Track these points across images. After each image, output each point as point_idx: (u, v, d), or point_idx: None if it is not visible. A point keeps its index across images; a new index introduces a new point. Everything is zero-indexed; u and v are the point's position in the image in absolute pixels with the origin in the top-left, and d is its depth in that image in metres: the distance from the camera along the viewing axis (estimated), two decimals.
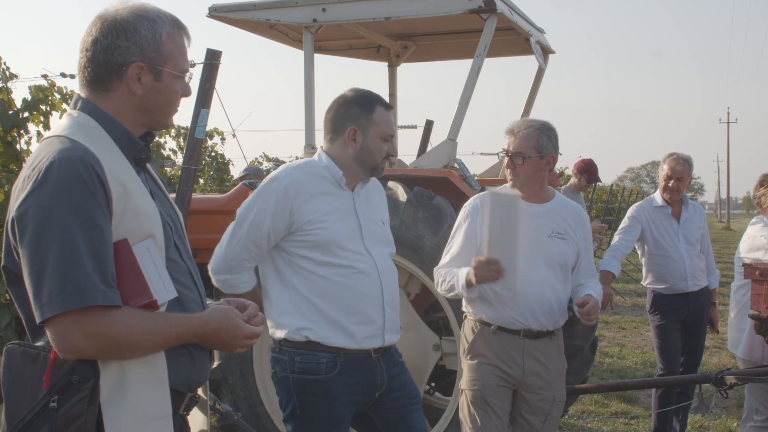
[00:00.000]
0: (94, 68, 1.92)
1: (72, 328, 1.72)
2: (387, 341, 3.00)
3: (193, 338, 1.93)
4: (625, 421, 6.06)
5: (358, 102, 2.99)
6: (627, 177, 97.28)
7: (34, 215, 1.74)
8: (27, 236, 1.74)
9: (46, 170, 1.77)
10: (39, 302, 1.73)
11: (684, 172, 5.16)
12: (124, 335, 1.78)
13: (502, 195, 3.25)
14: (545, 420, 3.43)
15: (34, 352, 1.82)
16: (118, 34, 1.90)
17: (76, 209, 1.75)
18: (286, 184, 2.91)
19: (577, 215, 3.53)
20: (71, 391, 1.77)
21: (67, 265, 1.72)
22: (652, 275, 5.26)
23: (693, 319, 5.17)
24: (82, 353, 1.76)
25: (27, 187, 1.77)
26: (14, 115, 4.55)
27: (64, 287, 1.71)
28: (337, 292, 2.91)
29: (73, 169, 1.77)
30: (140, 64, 1.92)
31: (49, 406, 1.76)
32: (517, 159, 3.36)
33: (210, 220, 5.40)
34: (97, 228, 1.77)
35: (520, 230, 3.24)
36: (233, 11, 4.96)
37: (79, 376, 1.78)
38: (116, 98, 1.94)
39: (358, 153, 2.97)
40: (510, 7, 4.83)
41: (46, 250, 1.72)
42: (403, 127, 9.84)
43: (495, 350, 3.39)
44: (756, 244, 4.46)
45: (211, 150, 13.97)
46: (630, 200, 28.96)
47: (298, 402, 2.93)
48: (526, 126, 3.38)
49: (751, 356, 4.40)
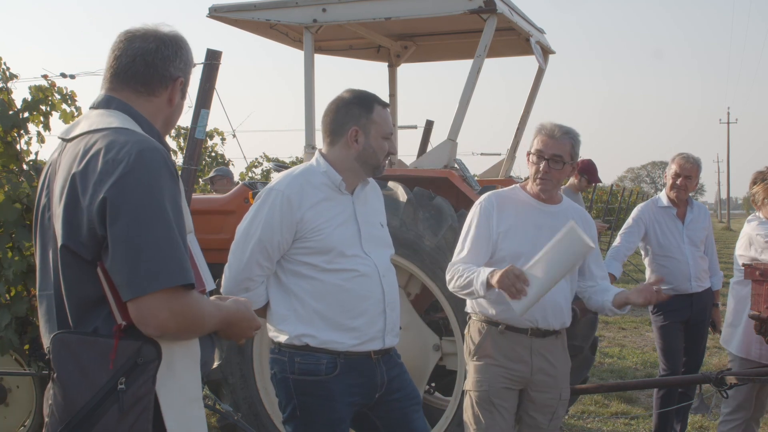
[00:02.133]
0: (149, 73, 2.07)
1: (161, 306, 1.83)
2: (387, 343, 3.00)
3: (224, 325, 2.06)
4: (625, 421, 6.06)
5: (357, 102, 2.98)
6: (627, 177, 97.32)
7: (134, 197, 1.84)
8: (125, 216, 1.82)
9: (137, 155, 1.87)
10: (137, 279, 1.81)
11: (692, 171, 5.14)
12: (200, 315, 1.92)
13: (580, 237, 3.06)
14: (551, 419, 3.45)
15: (92, 339, 1.88)
16: (176, 50, 2.10)
17: (169, 195, 1.89)
18: (289, 194, 2.89)
19: (585, 217, 3.59)
20: (137, 372, 1.87)
21: (170, 244, 1.85)
22: (655, 276, 5.23)
23: (695, 320, 5.16)
24: (165, 330, 1.85)
25: (115, 170, 1.85)
26: (14, 116, 4.56)
27: (168, 264, 1.83)
28: (338, 296, 2.91)
29: (162, 158, 1.91)
30: (182, 80, 2.13)
31: (118, 388, 1.84)
32: (557, 163, 3.33)
33: (210, 220, 5.41)
34: (182, 216, 1.93)
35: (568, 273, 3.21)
36: (233, 11, 4.96)
37: (145, 358, 1.87)
38: (156, 104, 2.10)
39: (361, 153, 2.97)
40: (510, 8, 4.83)
41: (149, 231, 1.83)
42: (404, 127, 9.87)
43: (503, 350, 3.38)
44: (753, 242, 4.46)
45: (211, 150, 13.97)
46: (630, 200, 28.98)
47: (297, 403, 2.93)
48: (563, 131, 3.36)
49: (748, 353, 4.40)
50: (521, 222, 3.39)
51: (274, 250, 2.90)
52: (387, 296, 2.97)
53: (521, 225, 3.38)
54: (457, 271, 3.34)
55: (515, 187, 3.53)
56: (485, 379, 3.38)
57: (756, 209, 4.61)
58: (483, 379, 3.39)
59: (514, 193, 3.49)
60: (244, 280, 2.94)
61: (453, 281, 3.37)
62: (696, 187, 5.30)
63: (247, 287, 2.94)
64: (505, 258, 3.33)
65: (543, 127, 3.39)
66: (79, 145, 1.96)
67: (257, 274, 2.94)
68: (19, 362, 4.67)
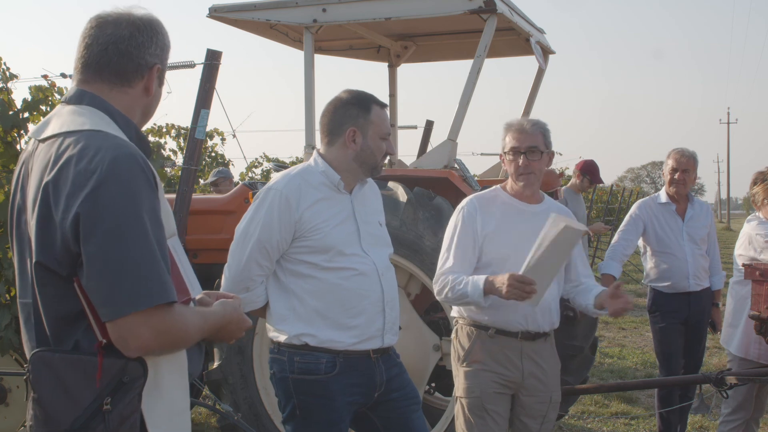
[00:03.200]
0: (124, 62, 1.92)
1: (142, 326, 1.74)
2: (386, 342, 3.01)
3: (214, 331, 1.98)
4: (625, 421, 6.06)
5: (355, 103, 2.98)
6: (627, 177, 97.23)
7: (108, 212, 1.72)
8: (100, 233, 1.71)
9: (110, 164, 1.75)
10: (114, 299, 1.72)
11: (689, 164, 5.11)
12: (184, 330, 1.83)
13: (573, 229, 3.09)
14: (542, 422, 3.41)
15: (75, 357, 1.78)
16: (152, 35, 1.95)
17: (148, 207, 1.77)
18: (287, 193, 2.90)
19: (566, 213, 3.53)
20: (123, 391, 1.78)
21: (148, 261, 1.74)
22: (653, 273, 5.21)
23: (694, 320, 5.12)
24: (147, 350, 1.78)
25: (88, 182, 1.73)
26: (14, 116, 4.56)
27: (147, 284, 1.73)
28: (337, 294, 2.91)
29: (138, 166, 1.78)
30: (159, 67, 1.98)
31: (104, 408, 1.76)
32: (534, 154, 3.33)
33: (210, 220, 5.41)
34: (161, 226, 1.82)
35: (567, 259, 3.24)
36: (233, 11, 4.96)
37: (130, 376, 1.79)
38: (132, 96, 1.96)
39: (359, 153, 2.97)
40: (510, 8, 4.83)
41: (126, 249, 1.72)
42: (404, 127, 9.85)
43: (493, 355, 3.35)
44: (753, 242, 4.47)
45: (211, 150, 13.98)
46: (630, 200, 28.95)
47: (297, 402, 2.93)
48: (532, 123, 3.37)
49: (747, 353, 4.40)
50: (505, 224, 3.37)
51: (273, 249, 2.90)
52: (386, 295, 2.98)
53: (505, 227, 3.36)
54: (446, 283, 3.30)
55: (496, 188, 3.50)
56: (476, 385, 3.34)
57: (756, 209, 4.60)
58: (474, 385, 3.35)
59: (496, 194, 3.46)
60: (243, 280, 2.93)
61: (443, 293, 3.33)
62: (695, 181, 5.23)
63: (246, 287, 2.94)
64: (491, 262, 3.32)
65: (511, 124, 3.40)
66: (51, 148, 1.83)
67: (257, 274, 2.94)
68: (19, 362, 4.67)
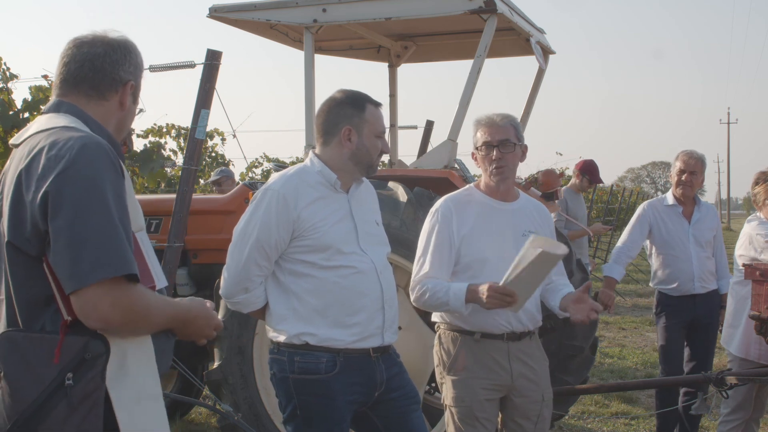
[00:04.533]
0: (97, 78, 2.08)
1: (104, 298, 1.83)
2: (386, 340, 3.01)
3: (177, 323, 2.06)
4: (626, 421, 6.06)
5: (349, 102, 2.99)
6: (627, 177, 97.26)
7: (75, 190, 1.84)
8: (66, 209, 1.82)
9: (79, 150, 1.88)
10: (78, 269, 1.81)
11: (697, 167, 5.09)
12: (146, 308, 1.92)
13: (550, 254, 2.99)
14: (537, 422, 3.38)
15: (39, 336, 1.88)
16: (125, 54, 2.12)
17: (112, 188, 1.88)
18: (284, 193, 2.90)
19: (543, 212, 3.51)
20: (85, 368, 1.86)
21: (111, 235, 1.85)
22: (659, 275, 5.19)
23: (701, 323, 5.09)
24: (108, 322, 1.86)
25: (57, 164, 1.86)
26: (14, 116, 4.57)
27: (108, 255, 1.83)
28: (337, 293, 2.91)
29: (104, 152, 1.91)
30: (133, 84, 2.15)
31: (65, 384, 1.83)
32: (507, 147, 3.28)
33: (210, 220, 5.41)
34: (126, 208, 1.94)
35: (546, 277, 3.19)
36: (233, 12, 4.96)
37: (92, 353, 1.87)
38: (107, 107, 2.11)
39: (354, 152, 2.98)
40: (510, 8, 4.83)
41: (90, 222, 1.83)
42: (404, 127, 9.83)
43: (481, 360, 3.30)
44: (753, 242, 4.47)
45: (211, 150, 14.01)
46: (630, 201, 28.96)
47: (298, 402, 2.93)
48: (501, 116, 3.33)
49: (747, 353, 4.40)
50: (482, 224, 3.32)
51: (272, 249, 2.91)
52: (385, 293, 2.98)
53: (482, 228, 3.32)
54: (425, 290, 3.25)
55: (469, 188, 3.46)
56: (466, 395, 3.30)
57: (757, 209, 4.60)
58: (464, 394, 3.31)
59: (469, 194, 3.42)
60: (242, 281, 2.94)
61: (422, 300, 3.28)
62: (702, 183, 5.20)
63: (246, 287, 2.95)
64: (470, 264, 3.29)
65: (480, 120, 3.36)
66: (26, 146, 1.98)
67: (256, 275, 2.94)
68: None
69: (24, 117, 4.64)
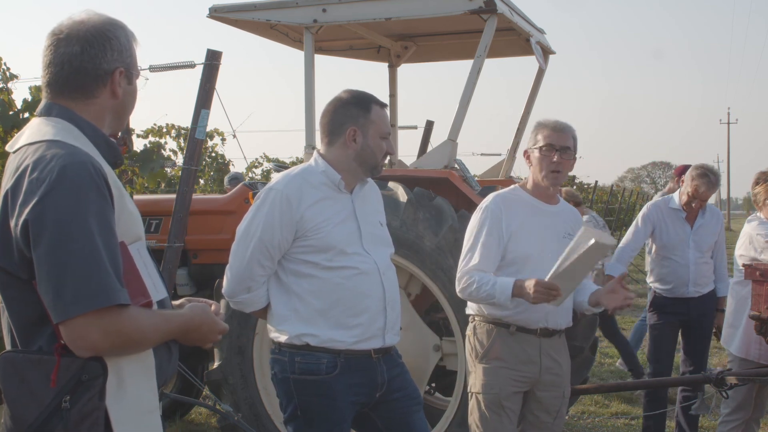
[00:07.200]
0: (80, 78, 1.98)
1: (92, 327, 1.78)
2: (387, 342, 3.01)
3: (181, 334, 2.02)
4: (626, 421, 6.07)
5: (355, 103, 2.99)
6: (627, 177, 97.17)
7: (55, 217, 1.78)
8: (46, 238, 1.77)
9: (59, 173, 1.81)
10: (61, 301, 1.77)
11: (710, 194, 5.04)
12: (138, 331, 1.87)
13: (603, 245, 3.11)
14: (556, 417, 3.49)
15: (36, 357, 1.85)
16: (103, 43, 1.98)
17: (94, 212, 1.81)
18: (287, 193, 2.90)
19: (578, 217, 3.64)
20: (82, 390, 1.83)
21: (92, 265, 1.78)
22: (655, 274, 5.22)
23: (694, 325, 5.11)
24: (98, 350, 1.82)
25: (38, 189, 1.80)
26: (14, 116, 4.56)
27: (90, 287, 1.77)
28: (339, 293, 2.91)
29: (87, 173, 1.83)
30: (121, 69, 2.02)
31: (62, 406, 1.81)
32: (567, 154, 3.39)
33: (210, 220, 5.42)
34: (111, 230, 1.85)
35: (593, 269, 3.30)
36: (233, 12, 4.96)
37: (89, 375, 1.83)
38: (98, 104, 2.01)
39: (359, 153, 2.97)
40: (510, 8, 4.83)
41: (70, 252, 1.77)
42: (404, 127, 9.85)
43: (514, 352, 3.40)
44: (753, 242, 4.47)
45: (211, 150, 14.01)
46: (630, 201, 28.98)
47: (298, 403, 2.93)
48: (566, 125, 3.43)
49: (748, 354, 4.40)
50: (528, 223, 3.41)
51: (275, 249, 2.90)
52: (387, 294, 2.98)
53: (528, 226, 3.41)
54: (472, 281, 3.33)
55: (515, 188, 3.54)
56: (496, 383, 3.39)
57: (757, 209, 4.60)
58: (494, 382, 3.39)
59: (517, 193, 3.51)
60: (245, 281, 2.94)
61: (467, 291, 3.36)
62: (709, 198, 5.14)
63: (248, 287, 2.95)
64: (515, 260, 3.37)
65: (546, 122, 3.43)
66: (17, 158, 1.92)
67: (259, 275, 2.94)
68: None
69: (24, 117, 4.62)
